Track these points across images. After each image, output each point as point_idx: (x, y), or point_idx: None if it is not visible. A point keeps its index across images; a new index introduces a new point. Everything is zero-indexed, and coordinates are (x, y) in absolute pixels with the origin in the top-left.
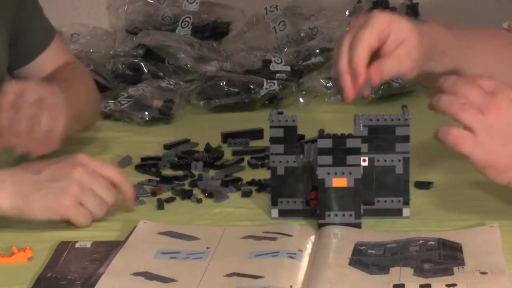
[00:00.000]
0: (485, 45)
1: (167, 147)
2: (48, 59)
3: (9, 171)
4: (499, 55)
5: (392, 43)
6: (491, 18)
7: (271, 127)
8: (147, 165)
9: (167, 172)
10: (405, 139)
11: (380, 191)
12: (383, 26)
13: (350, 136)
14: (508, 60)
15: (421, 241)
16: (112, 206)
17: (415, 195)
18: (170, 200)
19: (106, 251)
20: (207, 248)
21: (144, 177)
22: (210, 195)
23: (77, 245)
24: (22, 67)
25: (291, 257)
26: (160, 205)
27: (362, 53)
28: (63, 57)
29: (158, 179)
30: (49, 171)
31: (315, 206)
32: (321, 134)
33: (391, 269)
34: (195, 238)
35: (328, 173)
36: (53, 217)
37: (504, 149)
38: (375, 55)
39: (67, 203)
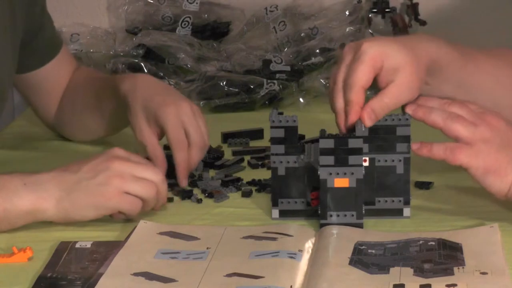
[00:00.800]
0: (488, 62)
1: (167, 147)
2: (55, 68)
3: (49, 174)
4: (500, 76)
5: (386, 74)
6: (491, 17)
7: (271, 127)
8: None
9: None
10: (406, 139)
11: (380, 191)
12: (375, 59)
13: (352, 136)
14: (507, 79)
15: (421, 241)
16: (163, 184)
17: (415, 195)
18: (170, 200)
19: (106, 251)
20: (207, 248)
21: None
22: (210, 195)
23: (77, 245)
24: (26, 73)
25: (291, 257)
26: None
27: (357, 97)
28: (69, 66)
29: None
30: (87, 168)
31: (315, 207)
32: (323, 135)
33: (391, 269)
34: (195, 238)
35: (330, 174)
36: (101, 213)
37: (501, 153)
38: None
39: (110, 195)
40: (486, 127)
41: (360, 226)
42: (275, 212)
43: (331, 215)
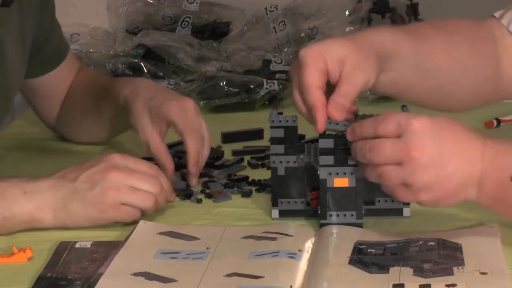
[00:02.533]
0: (442, 41)
1: (167, 147)
2: (60, 74)
3: (47, 182)
4: (456, 54)
5: (334, 68)
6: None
7: (271, 127)
8: None
9: None
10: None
11: (380, 191)
12: (316, 57)
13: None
14: (464, 57)
15: (421, 242)
16: (161, 195)
17: None
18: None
19: (106, 251)
20: (207, 248)
21: None
22: (209, 196)
23: (77, 245)
24: (31, 79)
25: (291, 257)
26: None
27: (315, 98)
28: (73, 69)
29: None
30: (84, 178)
31: (315, 207)
32: (323, 134)
33: (391, 269)
34: (195, 238)
35: (330, 173)
36: (96, 224)
37: (443, 173)
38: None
39: (106, 207)
40: (414, 162)
41: (360, 226)
42: (275, 212)
43: (330, 215)
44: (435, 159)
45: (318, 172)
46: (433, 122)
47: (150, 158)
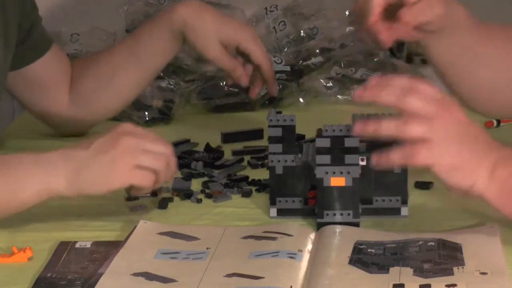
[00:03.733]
0: (502, 33)
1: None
2: (50, 62)
3: (58, 152)
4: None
5: None
6: (491, 17)
7: (269, 126)
8: None
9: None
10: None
11: (378, 190)
12: None
13: (348, 135)
14: None
15: (420, 242)
16: (171, 159)
17: (415, 195)
18: (170, 200)
19: (106, 251)
20: (207, 248)
21: None
22: (209, 196)
23: (77, 245)
24: (21, 68)
25: (291, 257)
26: (163, 205)
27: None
28: (64, 61)
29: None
30: (97, 145)
31: (313, 205)
32: (320, 134)
33: (391, 269)
34: (195, 238)
35: (327, 172)
36: (113, 188)
37: (463, 148)
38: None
39: (121, 170)
40: (444, 119)
41: (356, 225)
42: (273, 211)
43: (327, 214)
44: (461, 125)
45: (315, 171)
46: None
47: None
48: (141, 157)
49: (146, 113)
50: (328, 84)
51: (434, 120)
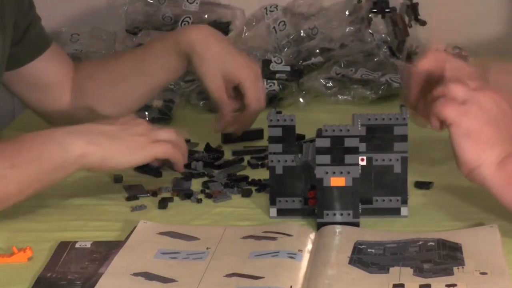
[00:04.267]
0: None
1: None
2: (49, 61)
3: (86, 125)
4: None
5: (452, 68)
6: (491, 17)
7: (269, 126)
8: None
9: (167, 172)
10: (403, 138)
11: (378, 190)
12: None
13: (348, 135)
14: None
15: (420, 242)
16: (182, 140)
17: (415, 195)
18: (170, 200)
19: (106, 251)
20: (207, 248)
21: (143, 177)
22: (209, 196)
23: (77, 245)
24: (20, 68)
25: (291, 257)
26: (163, 205)
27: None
28: (65, 61)
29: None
30: (120, 123)
31: (313, 205)
32: (319, 134)
33: (391, 269)
34: (195, 238)
35: (326, 172)
36: (140, 160)
37: (490, 125)
38: None
39: (145, 143)
40: (485, 96)
41: (356, 225)
42: (273, 211)
43: (327, 214)
44: (499, 108)
45: (315, 171)
46: None
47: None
48: (159, 132)
49: (146, 113)
50: (328, 84)
51: (477, 91)
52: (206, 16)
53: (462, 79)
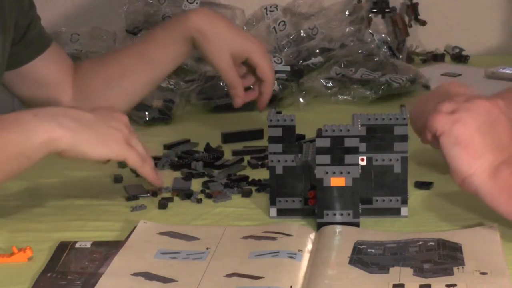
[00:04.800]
0: None
1: (167, 147)
2: (50, 60)
3: (59, 108)
4: None
5: None
6: (491, 17)
7: (269, 126)
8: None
9: (167, 172)
10: (403, 138)
11: (378, 190)
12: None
13: (348, 135)
14: None
15: (420, 242)
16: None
17: (415, 195)
18: (170, 200)
19: (106, 251)
20: (207, 248)
21: (138, 179)
22: (209, 196)
23: (77, 245)
24: (20, 67)
25: (291, 257)
26: (163, 205)
27: None
28: (65, 60)
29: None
30: (100, 112)
31: (313, 205)
32: (319, 134)
33: (391, 269)
34: (195, 238)
35: (326, 172)
36: (109, 153)
37: (481, 133)
38: None
39: (120, 139)
40: (475, 104)
41: (356, 225)
42: (273, 211)
43: (327, 214)
44: (490, 116)
45: (315, 171)
46: None
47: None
48: (132, 135)
49: (146, 113)
50: (328, 84)
51: (468, 101)
52: None
53: (450, 95)
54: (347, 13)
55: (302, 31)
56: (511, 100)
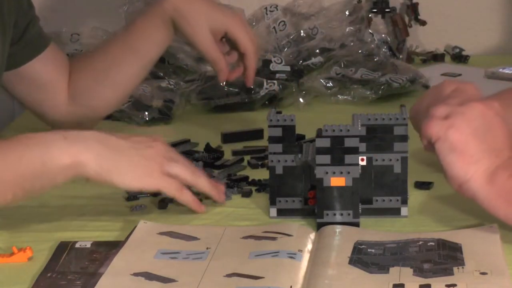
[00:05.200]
0: None
1: (174, 144)
2: (48, 60)
3: (92, 132)
4: None
5: None
6: (491, 17)
7: (269, 126)
8: None
9: None
10: (403, 138)
11: (378, 190)
12: None
13: (348, 135)
14: None
15: (420, 242)
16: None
17: (415, 195)
18: (170, 200)
19: (106, 251)
20: (207, 248)
21: None
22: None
23: (77, 245)
24: (19, 67)
25: (291, 257)
26: (163, 205)
27: None
28: (63, 60)
29: None
30: (136, 140)
31: (313, 205)
32: (319, 133)
33: (391, 269)
34: (195, 238)
35: (326, 172)
36: (141, 186)
37: (476, 138)
38: None
39: (152, 171)
40: (469, 107)
41: (356, 225)
42: (273, 211)
43: (327, 214)
44: (485, 119)
45: (315, 171)
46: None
47: None
48: (172, 164)
49: (146, 113)
50: (328, 84)
51: (463, 104)
52: None
53: (442, 98)
54: (347, 13)
55: (302, 31)
56: (507, 102)
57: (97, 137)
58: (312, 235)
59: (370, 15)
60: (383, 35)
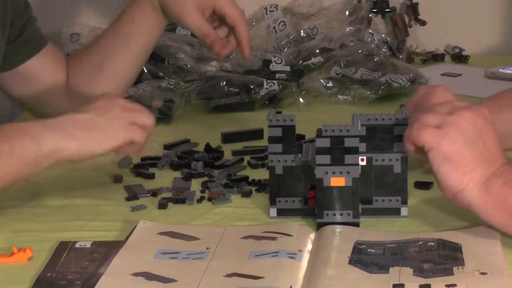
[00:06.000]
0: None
1: (167, 147)
2: (46, 59)
3: (64, 117)
4: None
5: None
6: (491, 17)
7: (269, 126)
8: (143, 165)
9: (167, 172)
10: (403, 138)
11: (378, 190)
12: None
13: (348, 135)
14: None
15: (420, 242)
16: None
17: (415, 195)
18: (170, 200)
19: (106, 251)
20: (207, 248)
21: (138, 179)
22: (208, 199)
23: (77, 245)
24: (17, 67)
25: (291, 257)
26: (163, 205)
27: None
28: (61, 60)
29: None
30: (96, 108)
31: (313, 205)
32: (319, 134)
33: (391, 269)
34: (195, 238)
35: (326, 172)
36: (116, 144)
37: (469, 147)
38: None
39: (122, 126)
40: (460, 116)
41: (356, 225)
42: (273, 211)
43: (327, 214)
44: (476, 127)
45: (315, 171)
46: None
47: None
48: (136, 114)
49: None
50: (328, 84)
51: (452, 113)
52: None
53: (432, 106)
54: (347, 13)
55: (302, 31)
56: (495, 108)
57: (69, 121)
58: (312, 235)
59: (370, 15)
60: (383, 35)
